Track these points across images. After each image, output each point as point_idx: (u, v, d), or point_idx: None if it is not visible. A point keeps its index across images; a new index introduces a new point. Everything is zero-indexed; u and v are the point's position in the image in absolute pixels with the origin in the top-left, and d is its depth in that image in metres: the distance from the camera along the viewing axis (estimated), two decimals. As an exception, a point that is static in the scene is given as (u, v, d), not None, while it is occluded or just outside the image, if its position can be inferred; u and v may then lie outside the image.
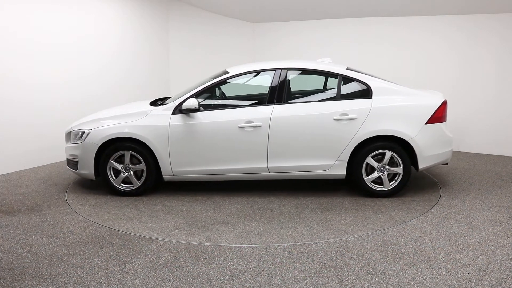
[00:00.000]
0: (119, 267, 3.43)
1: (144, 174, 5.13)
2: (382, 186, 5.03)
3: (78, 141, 5.22)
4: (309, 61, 5.51)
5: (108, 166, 5.14)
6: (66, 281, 3.21)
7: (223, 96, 5.75)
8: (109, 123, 5.16)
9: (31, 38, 6.27)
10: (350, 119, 4.91)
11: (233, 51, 9.30)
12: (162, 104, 5.35)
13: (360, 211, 4.66)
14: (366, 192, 5.07)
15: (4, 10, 5.93)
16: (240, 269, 3.38)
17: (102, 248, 3.77)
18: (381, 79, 5.19)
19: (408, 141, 4.91)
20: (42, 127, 6.54)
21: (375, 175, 5.01)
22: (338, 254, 3.63)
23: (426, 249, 3.70)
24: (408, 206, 4.78)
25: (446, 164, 5.31)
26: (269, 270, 3.36)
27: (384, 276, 3.25)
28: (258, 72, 5.36)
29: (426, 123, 4.94)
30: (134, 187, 5.18)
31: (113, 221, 4.47)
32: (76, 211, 4.70)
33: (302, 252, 3.66)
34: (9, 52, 6.03)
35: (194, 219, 4.49)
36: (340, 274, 3.29)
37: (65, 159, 6.18)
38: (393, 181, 5.03)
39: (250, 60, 9.24)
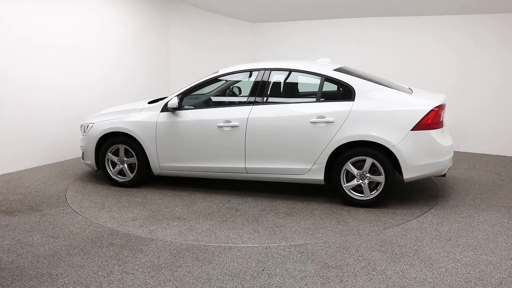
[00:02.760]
0: (119, 267, 3.43)
1: (136, 167, 5.38)
2: (362, 195, 4.69)
3: (84, 134, 5.66)
4: (294, 61, 5.34)
5: (106, 158, 5.51)
6: (66, 281, 3.21)
7: (233, 94, 5.82)
8: (108, 118, 5.53)
9: (31, 39, 6.26)
10: (327, 122, 4.64)
11: (233, 51, 9.30)
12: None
13: (324, 219, 4.41)
14: (346, 200, 4.76)
15: (5, 11, 5.92)
16: (240, 269, 3.38)
17: (102, 248, 3.77)
18: (374, 81, 4.83)
19: (390, 148, 4.51)
20: (42, 127, 6.54)
21: (354, 182, 4.68)
22: (338, 254, 3.63)
23: (426, 249, 3.70)
24: (381, 219, 4.38)
25: (444, 175, 4.85)
26: (269, 270, 3.36)
27: (384, 276, 3.25)
28: (244, 72, 5.32)
29: (412, 130, 4.48)
30: (127, 179, 5.46)
31: (87, 208, 4.74)
32: (76, 211, 4.71)
33: (302, 252, 3.66)
34: (10, 53, 6.02)
35: (157, 213, 4.61)
36: (340, 274, 3.29)
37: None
38: (375, 191, 4.66)
39: (250, 60, 9.23)
